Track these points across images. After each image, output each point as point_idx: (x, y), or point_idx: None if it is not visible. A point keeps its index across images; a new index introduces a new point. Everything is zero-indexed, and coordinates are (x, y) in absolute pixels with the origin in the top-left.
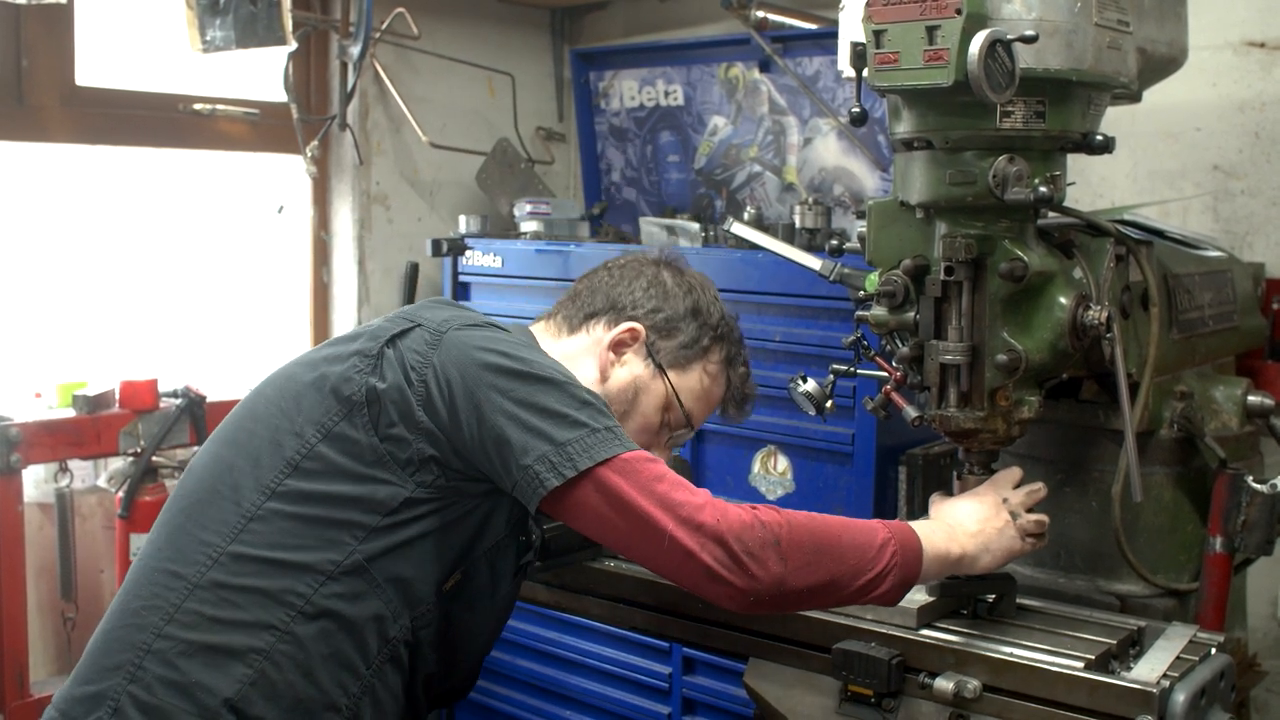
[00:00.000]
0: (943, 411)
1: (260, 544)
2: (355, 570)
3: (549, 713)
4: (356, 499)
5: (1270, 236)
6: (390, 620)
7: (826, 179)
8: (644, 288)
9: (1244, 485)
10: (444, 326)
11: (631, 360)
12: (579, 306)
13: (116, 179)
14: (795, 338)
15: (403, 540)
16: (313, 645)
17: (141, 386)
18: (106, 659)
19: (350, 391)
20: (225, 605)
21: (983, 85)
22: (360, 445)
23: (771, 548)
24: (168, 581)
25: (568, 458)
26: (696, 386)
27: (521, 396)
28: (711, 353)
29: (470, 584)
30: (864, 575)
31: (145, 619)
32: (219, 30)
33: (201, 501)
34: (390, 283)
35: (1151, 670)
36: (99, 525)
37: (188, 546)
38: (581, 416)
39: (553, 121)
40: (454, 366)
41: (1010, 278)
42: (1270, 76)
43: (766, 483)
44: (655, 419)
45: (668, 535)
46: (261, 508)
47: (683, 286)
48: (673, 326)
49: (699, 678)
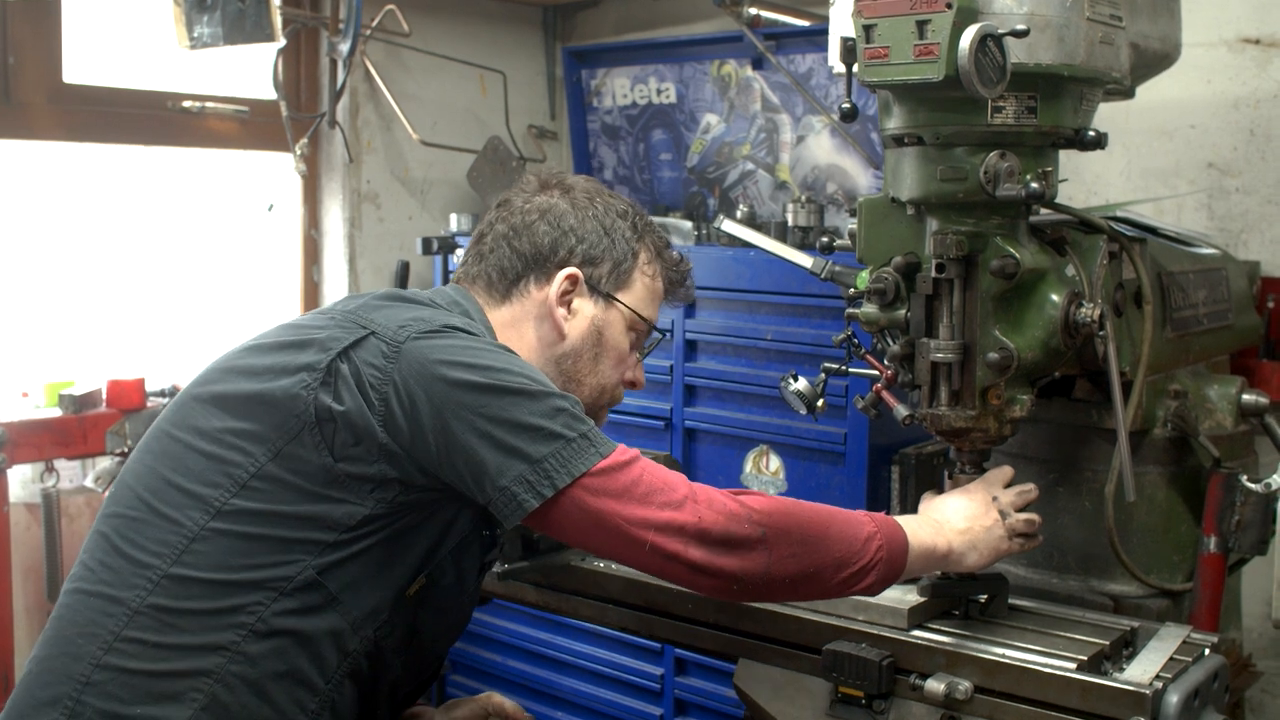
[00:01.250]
0: (934, 410)
1: (204, 565)
2: (309, 585)
3: (541, 714)
4: (310, 518)
5: (1265, 234)
6: (349, 633)
7: (819, 177)
8: (552, 228)
9: (1238, 485)
10: (400, 335)
11: (581, 304)
12: (499, 273)
13: (105, 177)
14: (787, 336)
15: (359, 551)
16: (266, 664)
17: (129, 386)
18: (42, 692)
19: (299, 410)
20: (168, 630)
21: (973, 80)
22: (312, 465)
23: (756, 535)
24: (104, 607)
25: (545, 475)
26: (644, 293)
27: (493, 413)
28: (639, 255)
29: (436, 587)
30: (849, 567)
31: (82, 648)
32: (207, 27)
33: (136, 520)
34: (381, 281)
35: (1144, 671)
36: (86, 525)
37: (124, 570)
38: (555, 426)
39: (544, 119)
40: (417, 383)
41: (1002, 275)
42: (1265, 73)
43: (759, 482)
44: (625, 342)
45: (648, 544)
46: (205, 528)
47: (582, 207)
48: (598, 253)
49: (691, 679)
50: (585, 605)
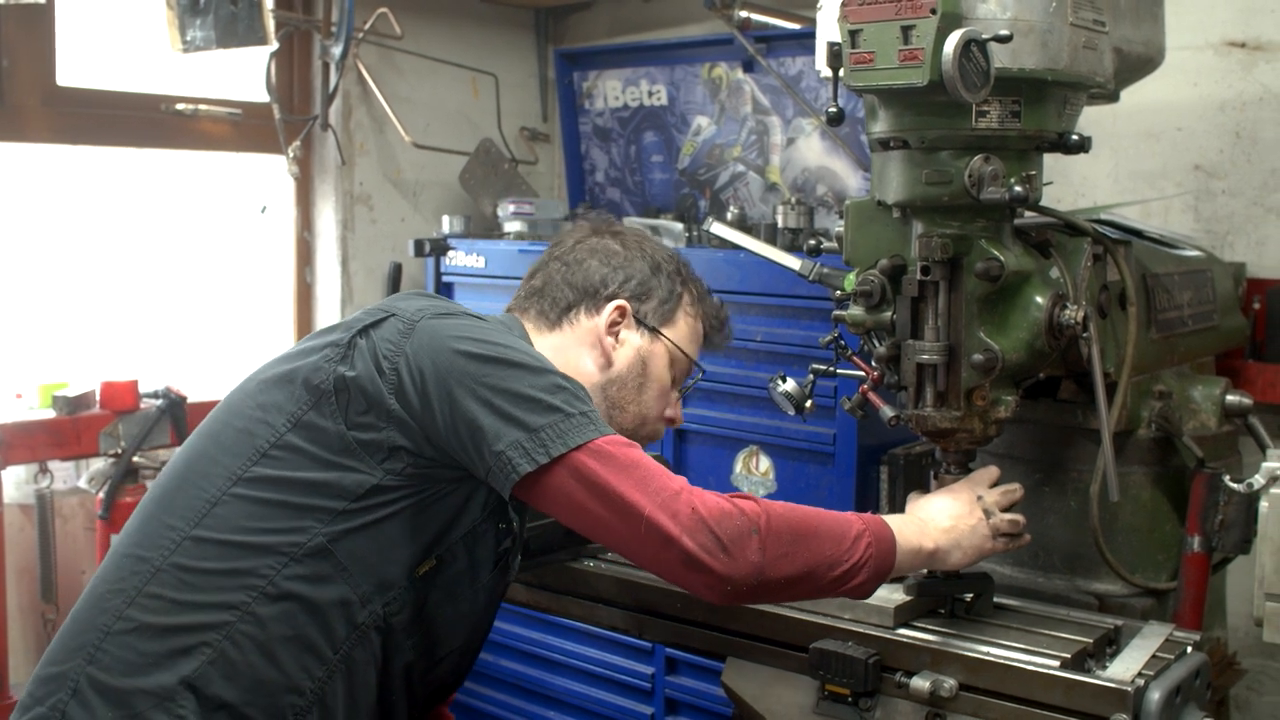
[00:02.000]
0: (919, 411)
1: (222, 528)
2: (318, 552)
3: (532, 713)
4: (322, 484)
5: (1251, 236)
6: (358, 605)
7: (809, 179)
8: (603, 264)
9: (1222, 485)
10: (418, 315)
11: (628, 335)
12: (550, 303)
13: (98, 179)
14: (777, 337)
15: (368, 523)
16: (274, 626)
17: (122, 387)
18: (71, 640)
19: (319, 380)
20: (186, 588)
21: (958, 85)
22: (328, 434)
23: (750, 537)
24: (133, 566)
25: (541, 443)
26: (687, 331)
27: (494, 382)
28: (684, 296)
29: (446, 570)
30: (839, 566)
31: (109, 602)
32: (199, 30)
33: (172, 490)
34: (373, 283)
35: (1126, 669)
36: (80, 526)
37: (154, 532)
38: (556, 401)
39: (536, 121)
40: (426, 354)
41: (986, 277)
42: (1251, 76)
43: (748, 483)
44: (668, 377)
45: (645, 519)
46: (226, 493)
47: (632, 248)
48: (646, 289)
49: (682, 678)
50: (576, 605)
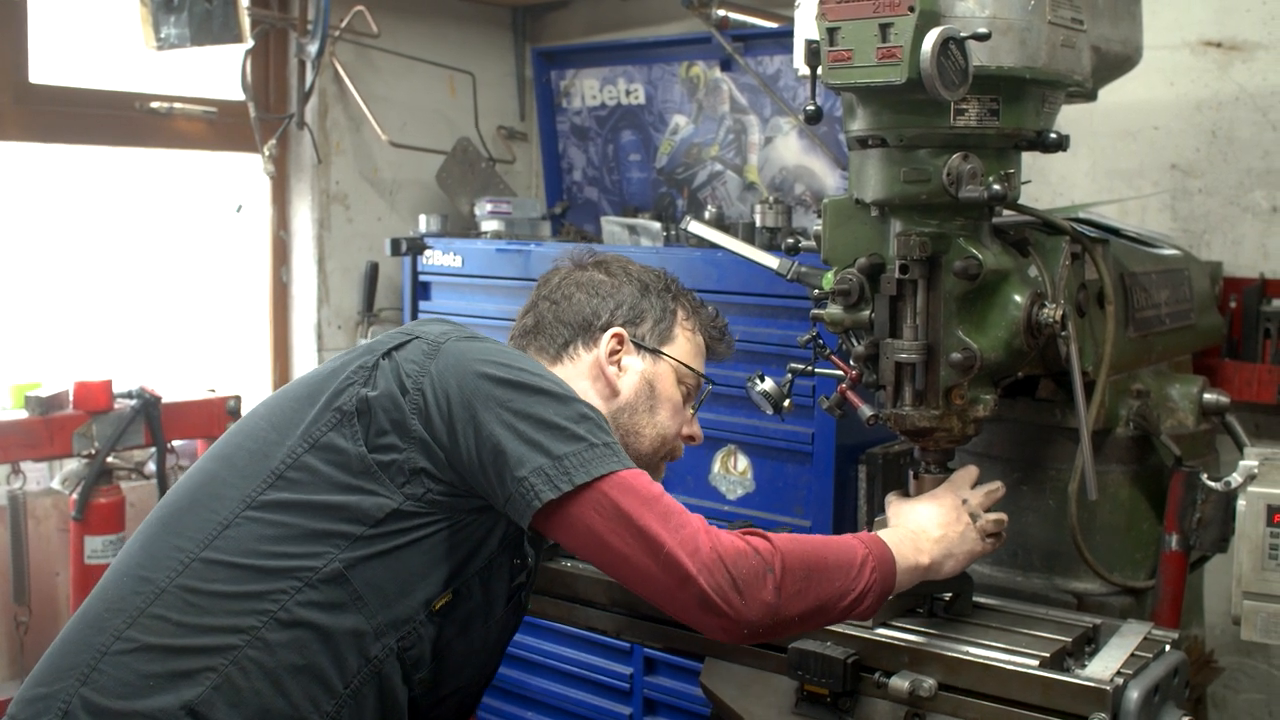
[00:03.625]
0: (898, 410)
1: (234, 550)
2: (334, 579)
3: (510, 714)
4: (340, 507)
5: (1227, 235)
6: (371, 637)
7: (787, 178)
8: (591, 296)
9: (1199, 483)
10: (443, 338)
11: (630, 361)
12: (547, 339)
13: (72, 178)
14: (755, 337)
15: (386, 550)
16: (284, 654)
17: (96, 387)
18: (62, 660)
19: (342, 402)
20: (192, 610)
21: (936, 83)
22: (348, 455)
23: (765, 577)
24: (135, 586)
25: (564, 471)
26: (688, 347)
27: (519, 408)
28: (678, 312)
29: (462, 605)
30: (849, 595)
31: (107, 622)
32: (174, 28)
33: (181, 510)
34: (350, 282)
35: (1105, 668)
36: (53, 528)
37: (160, 552)
38: (580, 430)
39: (514, 120)
40: (452, 376)
41: (965, 276)
42: (1227, 76)
43: (726, 482)
44: (678, 394)
45: (665, 553)
46: (240, 515)
47: (618, 274)
48: (638, 312)
49: (660, 678)
50: (553, 605)
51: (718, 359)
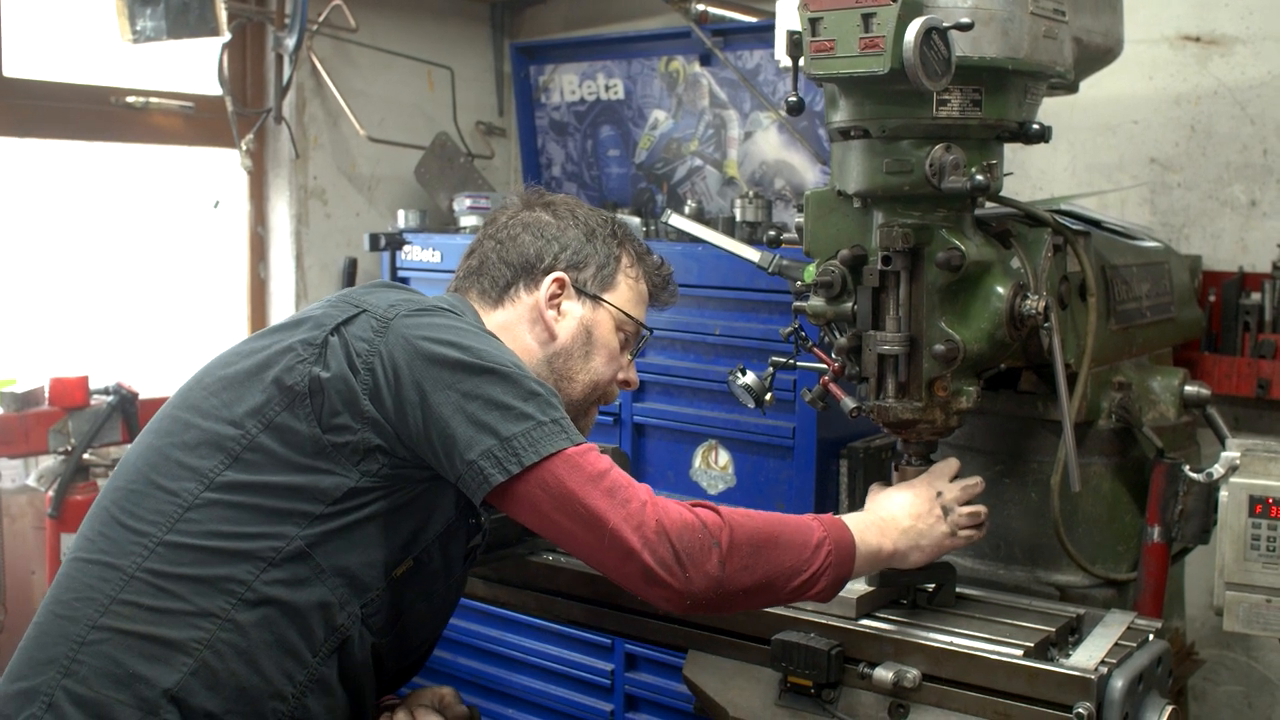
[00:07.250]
0: (880, 402)
1: (198, 533)
2: (297, 556)
3: (492, 712)
4: (299, 488)
5: (1206, 229)
6: (337, 607)
7: (767, 173)
8: (536, 238)
9: (1181, 475)
10: (390, 313)
11: (569, 306)
12: (490, 281)
13: (47, 173)
14: (736, 331)
15: (346, 525)
16: (255, 633)
17: (72, 384)
18: (40, 653)
19: (293, 381)
20: (163, 595)
21: (918, 73)
22: (301, 436)
23: (710, 550)
24: (101, 573)
25: (513, 452)
26: (630, 294)
27: (468, 389)
28: (622, 259)
29: (423, 571)
30: (800, 575)
31: (78, 611)
32: (150, 20)
33: (135, 493)
34: (328, 278)
35: (1089, 657)
36: (29, 525)
37: (121, 538)
38: (528, 409)
39: (492, 115)
40: (401, 356)
41: (947, 267)
42: (1206, 70)
43: (708, 477)
44: (615, 341)
45: (608, 531)
46: (199, 498)
47: (564, 217)
48: (582, 257)
49: (641, 674)
50: (533, 599)
51: (661, 306)
